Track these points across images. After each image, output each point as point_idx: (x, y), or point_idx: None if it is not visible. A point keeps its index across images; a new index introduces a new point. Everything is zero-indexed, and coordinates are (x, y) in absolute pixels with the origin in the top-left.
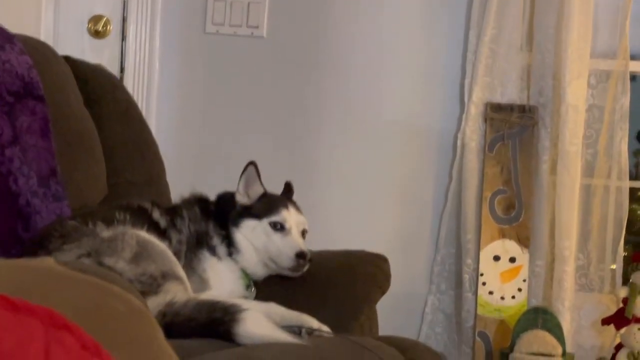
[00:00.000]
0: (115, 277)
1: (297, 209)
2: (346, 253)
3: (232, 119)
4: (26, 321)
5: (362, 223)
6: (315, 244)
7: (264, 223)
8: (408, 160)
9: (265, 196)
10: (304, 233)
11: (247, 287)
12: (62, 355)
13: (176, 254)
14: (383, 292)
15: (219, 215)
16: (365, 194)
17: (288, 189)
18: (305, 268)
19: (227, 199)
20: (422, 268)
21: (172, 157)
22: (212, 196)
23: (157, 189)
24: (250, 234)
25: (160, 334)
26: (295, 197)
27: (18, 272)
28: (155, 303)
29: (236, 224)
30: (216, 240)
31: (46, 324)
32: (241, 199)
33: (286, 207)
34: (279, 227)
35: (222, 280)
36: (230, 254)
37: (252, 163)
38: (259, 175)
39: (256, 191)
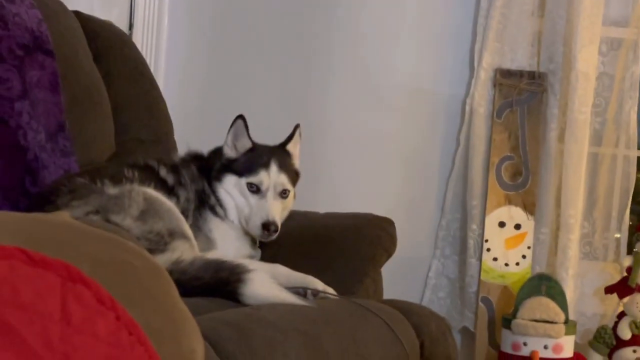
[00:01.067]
0: (125, 233)
1: (283, 164)
2: (353, 215)
3: (241, 77)
4: (43, 274)
5: (368, 186)
6: (322, 205)
7: (242, 182)
8: (416, 125)
9: (252, 151)
10: (283, 193)
11: (253, 242)
12: (79, 309)
13: (184, 212)
14: (389, 255)
15: (208, 170)
16: (372, 157)
17: (292, 133)
18: (273, 237)
19: (218, 153)
20: (427, 232)
21: (180, 114)
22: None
23: (165, 147)
24: (232, 190)
25: (174, 290)
26: (301, 159)
27: (35, 226)
28: (162, 261)
29: (218, 177)
30: (213, 199)
31: (63, 277)
32: (229, 152)
33: (266, 166)
34: (254, 189)
35: (228, 240)
36: (215, 207)
37: (240, 117)
38: (247, 129)
39: (244, 145)
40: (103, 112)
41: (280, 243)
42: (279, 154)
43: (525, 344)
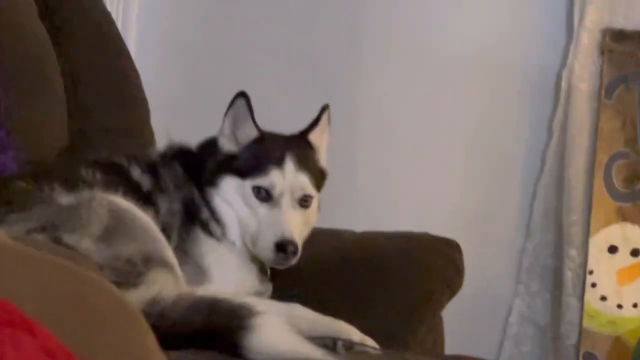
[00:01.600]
0: (84, 260)
1: (303, 160)
2: (402, 236)
3: (242, 41)
4: None
5: (424, 195)
6: (359, 221)
7: (247, 186)
8: (488, 110)
9: (259, 143)
10: (304, 201)
11: (262, 272)
12: None
13: (165, 229)
14: (453, 293)
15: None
16: (427, 156)
17: (318, 118)
18: (291, 262)
19: (211, 147)
20: (506, 260)
21: (158, 94)
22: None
23: (139, 139)
24: (232, 198)
25: (152, 341)
26: (330, 154)
27: None
28: (135, 298)
29: (213, 181)
30: (206, 213)
31: None
32: (226, 144)
33: (280, 163)
34: (264, 195)
35: (226, 269)
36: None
37: (241, 95)
38: (251, 111)
39: (247, 133)
40: (52, 91)
41: (300, 274)
42: (298, 146)
43: None
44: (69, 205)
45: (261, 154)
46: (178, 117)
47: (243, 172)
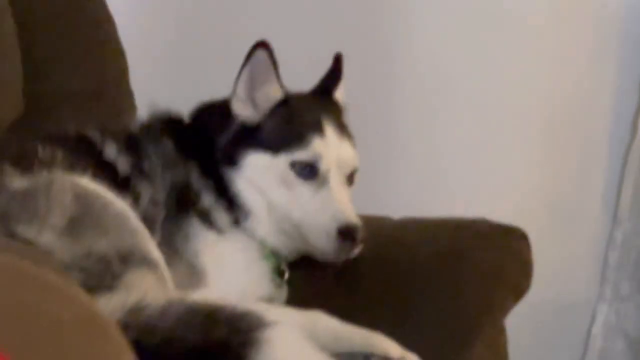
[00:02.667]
0: (44, 259)
1: (342, 125)
2: (452, 224)
3: None
4: None
5: (482, 175)
6: (397, 206)
7: (283, 161)
8: (564, 69)
9: (286, 106)
10: (351, 177)
11: (276, 272)
12: None
13: (147, 221)
14: (518, 297)
15: (204, 150)
16: (489, 125)
17: (336, 68)
18: (354, 253)
19: (216, 114)
20: (588, 255)
21: (139, 45)
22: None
23: (112, 103)
24: (261, 179)
25: (129, 357)
26: (363, 127)
27: None
28: (110, 306)
29: (234, 159)
30: (207, 200)
31: None
32: (242, 109)
33: (320, 129)
34: (307, 172)
35: (230, 269)
36: (236, 220)
37: (262, 44)
38: (275, 66)
39: (268, 95)
40: (3, 44)
41: (323, 275)
42: (331, 107)
43: None
44: (23, 190)
45: (293, 120)
46: (164, 75)
47: (273, 146)
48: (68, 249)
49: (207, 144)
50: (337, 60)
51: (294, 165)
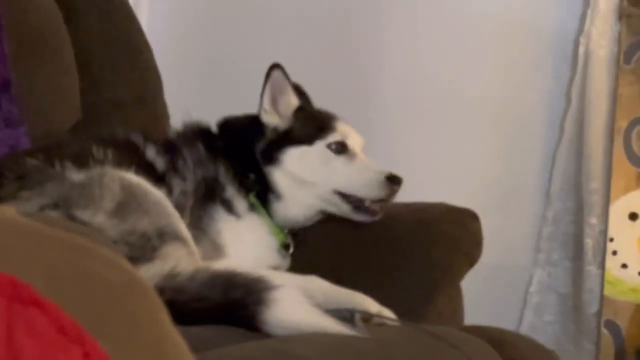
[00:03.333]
0: (98, 235)
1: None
2: (419, 207)
3: (256, 8)
4: None
5: (440, 164)
6: None
7: (320, 147)
8: (506, 76)
9: (304, 111)
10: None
11: (283, 246)
12: (31, 340)
13: (178, 208)
14: (471, 263)
15: (231, 153)
16: (445, 122)
17: (299, 94)
18: (395, 196)
19: (236, 128)
20: (525, 229)
21: (170, 65)
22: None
23: (151, 111)
24: (299, 167)
25: (164, 315)
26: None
27: None
28: (150, 273)
29: (272, 158)
30: (230, 191)
31: (9, 297)
32: (270, 119)
33: (337, 119)
34: (340, 149)
35: (244, 244)
36: (263, 196)
37: (276, 66)
38: (289, 82)
39: (288, 104)
40: (63, 63)
41: (317, 247)
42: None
43: None
44: (81, 181)
45: (315, 117)
46: (190, 87)
47: (307, 139)
48: (116, 228)
49: (239, 149)
50: (298, 88)
51: (329, 145)
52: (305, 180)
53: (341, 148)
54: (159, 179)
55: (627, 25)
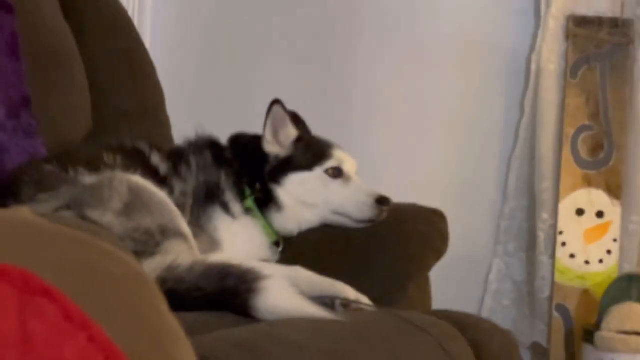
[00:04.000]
0: (105, 233)
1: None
2: (394, 208)
3: (246, 34)
4: None
5: (410, 168)
6: None
7: (318, 173)
8: (468, 88)
9: (302, 140)
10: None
11: (274, 244)
12: (41, 328)
13: (179, 207)
14: (439, 256)
15: (236, 165)
16: (414, 132)
17: (297, 122)
18: (385, 215)
19: (245, 144)
20: (486, 225)
21: (171, 81)
22: (223, 138)
23: (155, 122)
24: (300, 189)
25: (163, 304)
26: (327, 136)
27: None
28: (153, 266)
29: (277, 180)
30: (229, 196)
31: (20, 288)
32: (272, 148)
33: (334, 146)
34: (337, 173)
35: (238, 240)
36: (265, 204)
37: (277, 102)
38: (288, 115)
39: (288, 135)
40: (76, 80)
41: (302, 243)
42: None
43: None
44: (92, 184)
45: (315, 146)
46: (190, 100)
47: (307, 166)
48: (123, 226)
49: (249, 161)
50: (297, 117)
51: (327, 171)
52: (306, 202)
53: (337, 173)
54: (161, 181)
55: (573, 44)
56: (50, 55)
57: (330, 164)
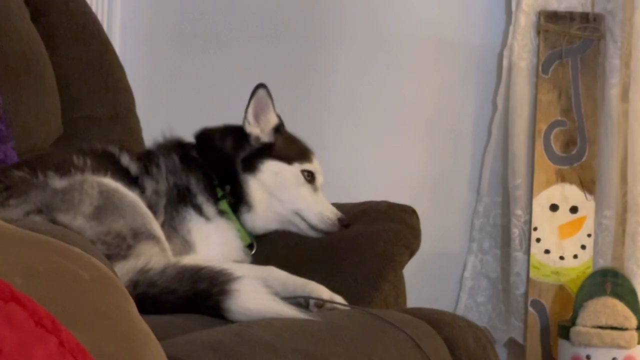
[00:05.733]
0: (74, 236)
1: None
2: (363, 205)
3: (220, 33)
4: None
5: (382, 166)
6: (325, 194)
7: (295, 169)
8: (441, 86)
9: (282, 132)
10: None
11: (247, 246)
12: (11, 333)
13: (152, 207)
14: (412, 253)
15: (204, 164)
16: (386, 129)
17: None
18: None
19: (212, 139)
20: (459, 222)
21: (142, 84)
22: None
23: (125, 126)
24: (273, 181)
25: (132, 306)
26: (299, 134)
27: None
28: (125, 269)
29: (252, 166)
30: (201, 199)
31: None
32: (253, 130)
33: (312, 152)
34: (310, 179)
35: (211, 243)
36: (235, 207)
37: (262, 85)
38: (271, 101)
39: (268, 121)
40: (45, 85)
41: (274, 244)
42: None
43: (588, 358)
44: (62, 188)
45: (295, 142)
46: (160, 104)
47: (286, 158)
48: (94, 229)
49: (216, 159)
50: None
51: (303, 171)
52: (275, 195)
53: (310, 179)
54: (132, 181)
55: (544, 40)
56: (20, 60)
57: (308, 166)
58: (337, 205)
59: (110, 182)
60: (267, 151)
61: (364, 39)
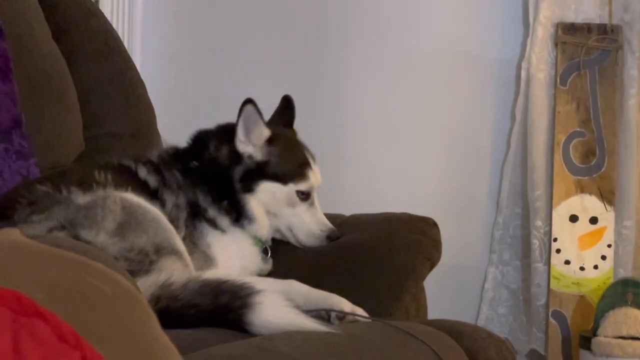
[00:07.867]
0: (97, 252)
1: (310, 152)
2: (384, 217)
3: (236, 47)
4: None
5: (403, 179)
6: (345, 206)
7: (290, 190)
8: (459, 99)
9: (275, 143)
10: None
11: (263, 251)
12: (35, 349)
13: (173, 221)
14: (432, 265)
15: (205, 176)
16: (405, 142)
17: (286, 105)
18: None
19: (206, 145)
20: (479, 233)
21: (162, 99)
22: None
23: (146, 142)
24: (270, 199)
25: (154, 321)
26: (317, 148)
27: None
28: (147, 284)
29: (249, 187)
30: (212, 212)
31: (14, 310)
32: (245, 148)
33: (309, 164)
34: (305, 198)
35: (231, 254)
36: (237, 220)
37: (249, 102)
38: (260, 115)
39: (260, 135)
40: (67, 102)
41: (296, 255)
42: (298, 138)
43: None
44: (85, 204)
45: (290, 158)
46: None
47: (281, 178)
48: (117, 245)
49: (214, 176)
50: (289, 100)
51: (298, 192)
52: (271, 211)
53: (305, 197)
54: (152, 194)
55: (562, 51)
56: (42, 78)
57: (302, 186)
58: (357, 217)
59: (133, 198)
60: (261, 171)
61: (383, 53)
